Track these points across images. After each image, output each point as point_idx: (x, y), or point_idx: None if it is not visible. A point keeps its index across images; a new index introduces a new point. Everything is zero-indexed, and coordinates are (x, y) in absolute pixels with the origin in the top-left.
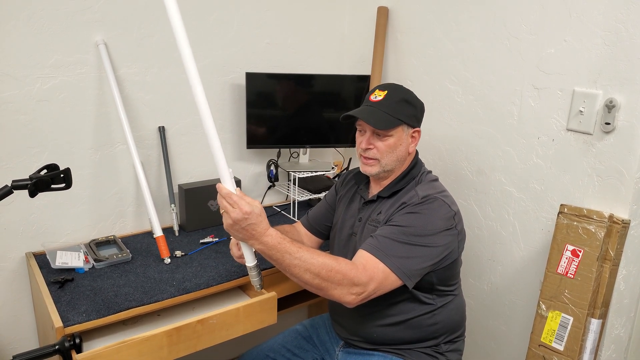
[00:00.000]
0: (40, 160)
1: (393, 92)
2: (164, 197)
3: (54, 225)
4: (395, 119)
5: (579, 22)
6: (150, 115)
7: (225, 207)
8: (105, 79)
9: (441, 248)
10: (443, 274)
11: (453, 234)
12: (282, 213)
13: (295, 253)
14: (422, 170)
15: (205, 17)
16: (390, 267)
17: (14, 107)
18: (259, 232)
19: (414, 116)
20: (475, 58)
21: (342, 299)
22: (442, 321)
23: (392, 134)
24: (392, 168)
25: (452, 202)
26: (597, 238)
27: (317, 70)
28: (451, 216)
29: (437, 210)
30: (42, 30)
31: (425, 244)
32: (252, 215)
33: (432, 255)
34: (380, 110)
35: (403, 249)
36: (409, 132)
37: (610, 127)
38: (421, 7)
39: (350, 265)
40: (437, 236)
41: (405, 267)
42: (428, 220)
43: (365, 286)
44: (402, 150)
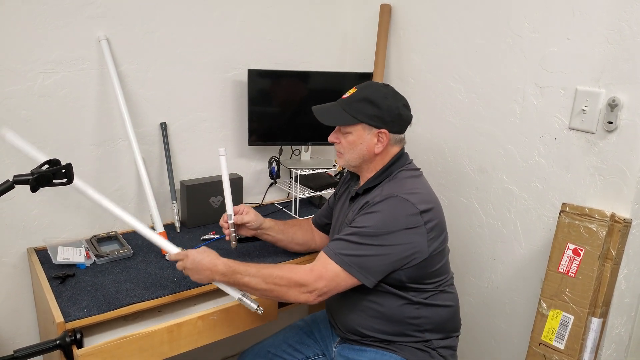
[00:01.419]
0: (42, 155)
1: (360, 91)
2: (165, 193)
3: (55, 221)
4: (350, 117)
5: (582, 20)
6: (152, 111)
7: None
8: (107, 74)
9: (400, 247)
10: (414, 272)
11: (419, 232)
12: (283, 210)
13: (244, 272)
14: (403, 168)
15: (207, 14)
16: (340, 264)
17: (16, 102)
18: (208, 265)
19: (378, 117)
20: (477, 56)
21: (298, 300)
22: (426, 316)
23: (350, 131)
24: (356, 164)
25: (420, 201)
26: (599, 237)
27: (319, 68)
28: (414, 213)
29: (395, 208)
30: (44, 26)
31: (379, 243)
32: (195, 255)
33: (389, 254)
34: (340, 107)
35: (355, 248)
36: (372, 132)
37: (613, 126)
38: (424, 5)
39: (294, 269)
40: (394, 235)
41: (358, 264)
42: (384, 219)
43: (314, 284)
44: (364, 149)
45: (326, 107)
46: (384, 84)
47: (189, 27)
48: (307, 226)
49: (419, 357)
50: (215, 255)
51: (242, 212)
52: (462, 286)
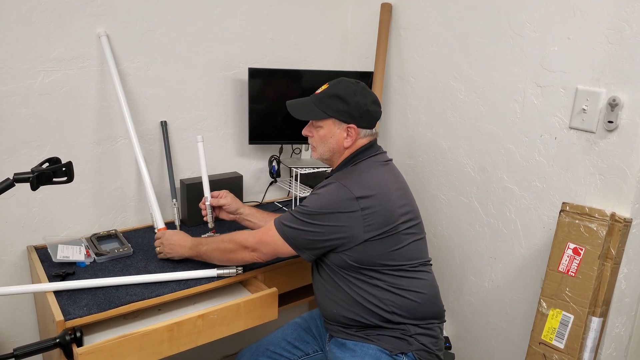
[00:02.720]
0: (42, 153)
1: (331, 87)
2: (165, 191)
3: (55, 219)
4: (320, 112)
5: (582, 20)
6: (153, 109)
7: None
8: (107, 73)
9: (332, 228)
10: (357, 255)
11: (353, 217)
12: (283, 209)
13: (205, 242)
14: (367, 157)
15: (208, 13)
16: (279, 232)
17: (16, 100)
18: (179, 241)
19: (346, 112)
20: (478, 55)
21: (246, 260)
22: (392, 301)
23: (321, 125)
24: (328, 157)
25: (359, 187)
26: (599, 236)
27: (320, 66)
28: (349, 198)
29: (331, 193)
30: (45, 24)
31: (313, 221)
32: (163, 237)
33: (321, 232)
34: (312, 102)
35: (295, 222)
36: (342, 127)
37: (613, 125)
38: (425, 4)
39: (242, 235)
40: (327, 216)
41: (293, 237)
42: (319, 201)
43: (256, 246)
44: (334, 142)
45: (299, 102)
46: (355, 81)
47: (189, 25)
48: None
49: (397, 345)
50: (187, 235)
51: (220, 196)
52: (462, 285)
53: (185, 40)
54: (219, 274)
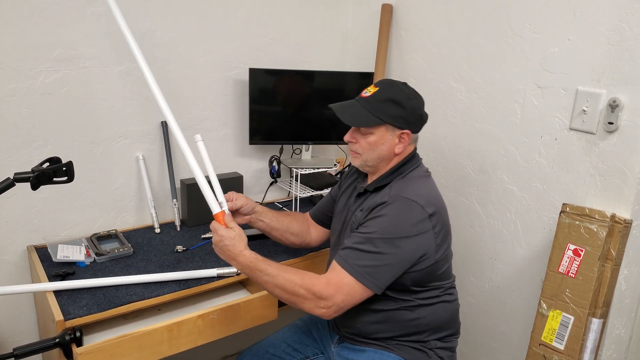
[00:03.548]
0: (43, 153)
1: (383, 90)
2: (165, 191)
3: (55, 219)
4: (375, 118)
5: (583, 21)
6: (153, 110)
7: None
8: (108, 73)
9: (411, 252)
10: (419, 276)
11: (427, 237)
12: (284, 210)
13: (265, 270)
14: (413, 168)
15: (208, 13)
16: (355, 277)
17: (17, 100)
18: (234, 253)
19: (402, 117)
20: (479, 56)
21: (313, 312)
22: (425, 317)
23: (372, 131)
24: (374, 164)
25: (427, 203)
26: (599, 238)
27: (320, 67)
28: (424, 218)
29: (405, 212)
30: (46, 24)
31: (389, 250)
32: (225, 238)
33: (398, 260)
34: (362, 107)
35: (368, 257)
36: (395, 133)
37: (614, 126)
38: (425, 5)
39: (314, 280)
40: (403, 240)
41: (371, 275)
42: (393, 222)
43: (331, 299)
44: (385, 149)
45: (347, 106)
46: (403, 83)
47: (190, 25)
48: (302, 218)
49: (416, 356)
50: (244, 245)
51: (232, 199)
52: (463, 286)
53: (186, 40)
54: (219, 274)
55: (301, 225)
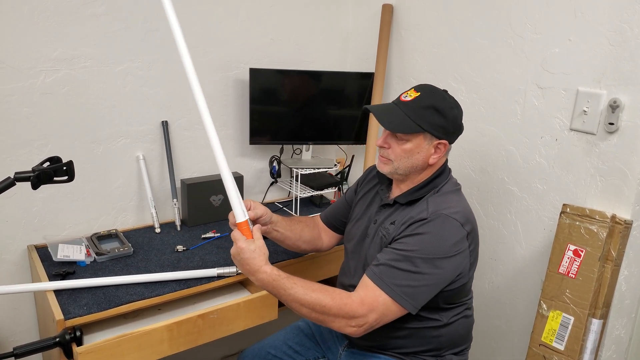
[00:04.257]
0: (43, 153)
1: (425, 96)
2: (166, 191)
3: (56, 219)
4: (414, 125)
5: (583, 21)
6: (154, 109)
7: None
8: (109, 73)
9: (450, 273)
10: (450, 294)
11: (464, 255)
12: (284, 209)
13: (289, 289)
14: (446, 181)
15: (209, 13)
16: (392, 297)
17: (18, 100)
18: (253, 268)
19: (442, 127)
20: (479, 56)
21: (343, 331)
22: (448, 334)
23: (409, 138)
24: (405, 173)
25: (465, 220)
26: (599, 238)
27: (320, 67)
28: (462, 237)
29: (445, 231)
30: (46, 23)
31: (430, 271)
32: (244, 251)
33: (438, 280)
34: (402, 112)
35: (406, 277)
36: (432, 142)
37: (614, 127)
38: (426, 5)
39: (345, 299)
40: (444, 260)
41: (409, 295)
42: (435, 242)
43: (365, 318)
44: (419, 158)
45: (386, 110)
46: (444, 90)
47: (190, 25)
48: (313, 224)
49: None
50: (264, 260)
51: (252, 207)
52: None
53: (186, 40)
54: (219, 274)
55: (312, 231)
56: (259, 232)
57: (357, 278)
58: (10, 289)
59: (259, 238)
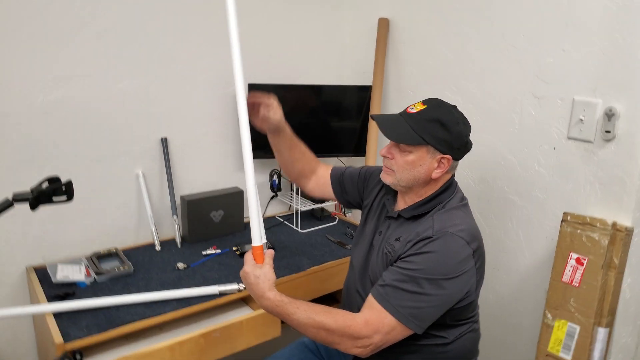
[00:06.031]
0: (43, 172)
1: (430, 109)
2: (166, 208)
3: (55, 238)
4: (417, 136)
5: (576, 31)
6: (153, 127)
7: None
8: (107, 91)
9: (456, 293)
10: (457, 312)
11: (471, 274)
12: (285, 223)
13: (293, 314)
14: (452, 197)
15: (207, 30)
16: (398, 318)
17: (17, 120)
18: (257, 293)
19: (445, 141)
20: (475, 67)
21: (350, 352)
22: (455, 350)
23: (412, 150)
24: (408, 185)
25: (471, 238)
26: (601, 246)
27: (319, 81)
28: (468, 255)
29: (451, 249)
30: (46, 43)
31: (435, 292)
32: (249, 276)
33: (444, 301)
34: (406, 123)
35: (412, 298)
36: (435, 156)
37: (611, 135)
38: (421, 18)
39: (349, 321)
40: (450, 281)
41: (415, 316)
42: (440, 262)
43: (370, 339)
44: (422, 171)
45: (391, 120)
46: (453, 105)
47: (189, 43)
48: (311, 163)
49: None
50: (268, 286)
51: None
52: None
53: (185, 57)
54: (220, 291)
55: (304, 167)
56: (269, 258)
57: (361, 285)
58: (9, 312)
59: (268, 264)
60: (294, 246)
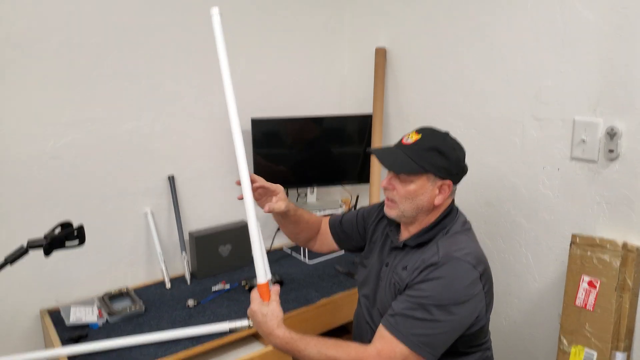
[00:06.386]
0: (54, 214)
1: (426, 138)
2: (174, 245)
3: (67, 278)
4: (417, 166)
5: (572, 53)
6: (160, 164)
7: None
8: (115, 132)
9: (466, 318)
10: (468, 338)
11: (479, 298)
12: (292, 255)
13: (304, 351)
14: (454, 221)
15: (209, 67)
16: (410, 347)
17: (29, 165)
18: (266, 331)
19: (444, 168)
20: (474, 91)
21: None
22: None
23: (413, 179)
24: (412, 215)
25: (477, 261)
26: (613, 267)
27: (320, 111)
28: (475, 278)
29: (458, 274)
30: (55, 89)
31: (445, 318)
32: (256, 315)
33: (455, 327)
34: (404, 154)
35: (422, 325)
36: (436, 183)
37: (614, 154)
38: (418, 45)
39: (362, 353)
40: (459, 307)
41: (427, 344)
42: (448, 287)
43: None
44: (424, 200)
45: (389, 152)
46: (446, 132)
47: (192, 79)
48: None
49: None
50: (276, 323)
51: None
52: None
53: (189, 94)
54: (231, 328)
55: (310, 233)
56: (275, 295)
57: (371, 317)
58: (24, 357)
59: (274, 300)
60: (302, 278)
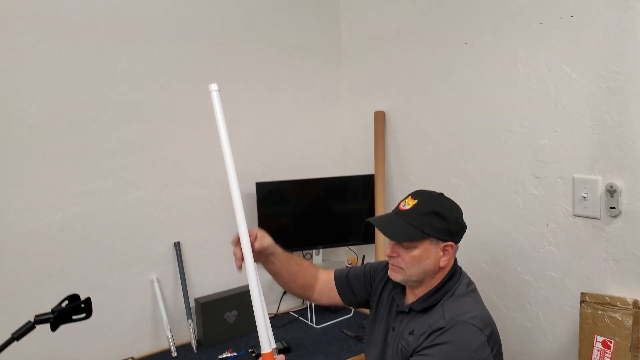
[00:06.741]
0: (60, 286)
1: (423, 203)
2: (180, 312)
3: (73, 351)
4: (419, 232)
5: (565, 114)
6: (166, 232)
7: None
8: (122, 201)
9: None
10: None
11: None
12: (300, 319)
13: None
14: (459, 283)
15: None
16: None
17: (37, 237)
18: None
19: (445, 230)
20: (473, 151)
21: None
22: None
23: (416, 245)
24: (419, 279)
25: (484, 324)
26: (626, 326)
27: (323, 174)
28: (483, 342)
29: (465, 338)
30: (64, 162)
31: None
32: None
33: None
34: (404, 221)
35: None
36: (439, 246)
37: (616, 211)
38: (415, 107)
39: None
40: None
41: None
42: (455, 352)
43: None
44: (430, 263)
45: (389, 220)
46: (440, 193)
47: (197, 149)
48: (310, 272)
49: None
50: None
51: (258, 237)
52: None
53: (194, 164)
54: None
55: (307, 279)
56: None
57: None
58: None
59: None
60: (309, 344)
